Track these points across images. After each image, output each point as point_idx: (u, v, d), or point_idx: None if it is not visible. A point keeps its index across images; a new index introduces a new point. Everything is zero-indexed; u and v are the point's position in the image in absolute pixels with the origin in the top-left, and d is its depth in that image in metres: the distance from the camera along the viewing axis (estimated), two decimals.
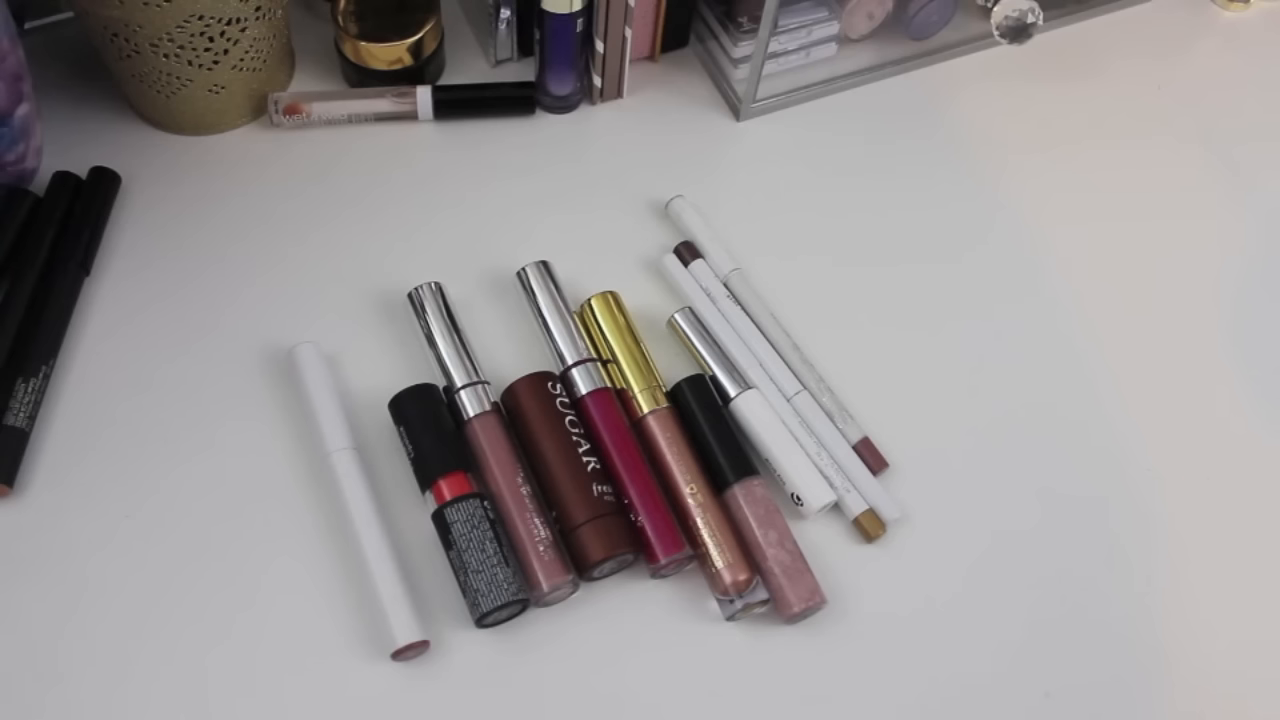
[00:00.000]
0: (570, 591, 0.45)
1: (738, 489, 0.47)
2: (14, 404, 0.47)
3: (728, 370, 0.50)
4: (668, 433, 0.48)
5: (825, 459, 0.49)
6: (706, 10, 0.61)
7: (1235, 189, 0.60)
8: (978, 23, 0.63)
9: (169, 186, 0.55)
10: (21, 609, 0.44)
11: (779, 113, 0.61)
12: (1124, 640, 0.47)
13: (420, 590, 0.45)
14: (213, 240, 0.54)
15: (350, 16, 0.57)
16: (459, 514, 0.44)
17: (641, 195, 0.57)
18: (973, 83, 0.63)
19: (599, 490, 0.45)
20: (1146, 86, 0.64)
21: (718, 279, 0.53)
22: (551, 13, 0.54)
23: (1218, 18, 0.68)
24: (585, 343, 0.50)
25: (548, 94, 0.59)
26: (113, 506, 0.47)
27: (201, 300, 0.52)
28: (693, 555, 0.46)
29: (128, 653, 0.44)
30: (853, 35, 0.62)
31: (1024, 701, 0.45)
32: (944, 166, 0.60)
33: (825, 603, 0.46)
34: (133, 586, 0.45)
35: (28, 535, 0.46)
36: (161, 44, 0.51)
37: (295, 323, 0.52)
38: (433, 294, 0.50)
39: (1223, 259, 0.58)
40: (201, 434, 0.48)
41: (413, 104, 0.58)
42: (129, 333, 0.51)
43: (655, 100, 0.61)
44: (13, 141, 0.51)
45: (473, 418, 0.47)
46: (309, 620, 0.45)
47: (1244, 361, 0.54)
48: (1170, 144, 0.62)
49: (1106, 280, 0.56)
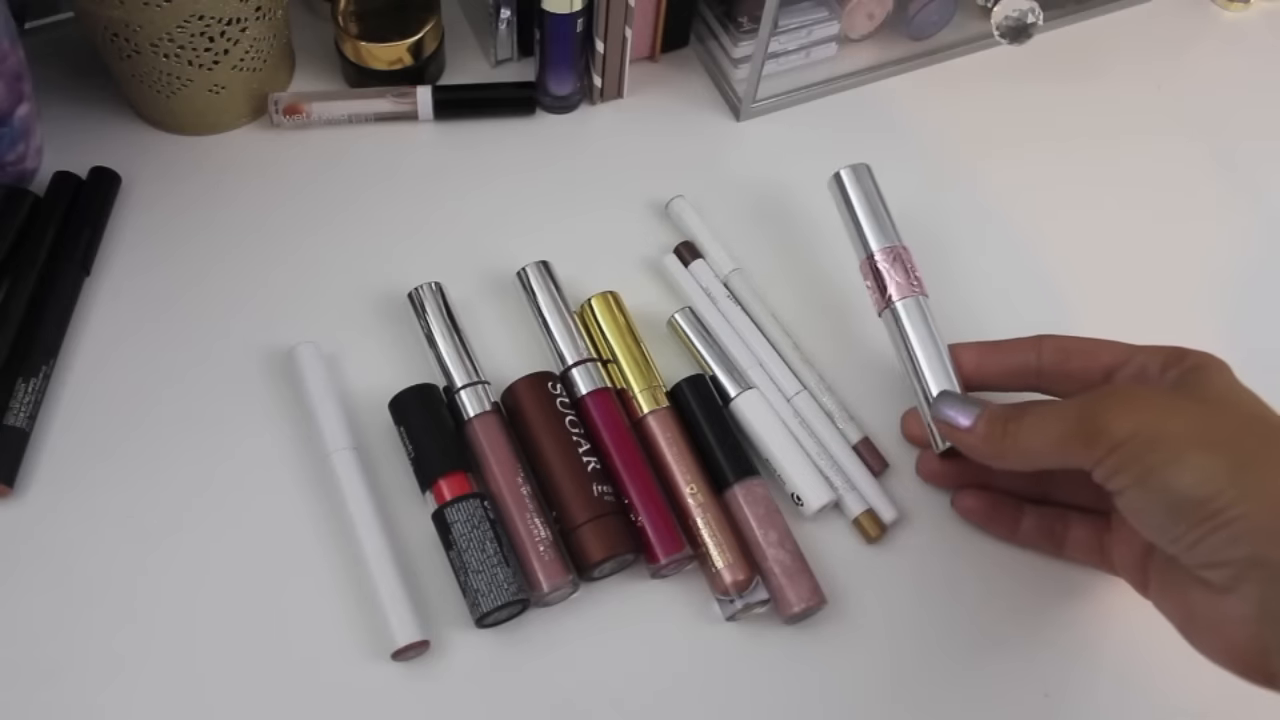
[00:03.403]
0: (570, 591, 0.45)
1: (738, 489, 0.47)
2: (14, 404, 0.47)
3: (728, 370, 0.50)
4: (668, 433, 0.48)
5: (825, 459, 0.49)
6: (706, 10, 0.61)
7: (1236, 189, 0.60)
8: (978, 23, 0.63)
9: (169, 186, 0.55)
10: (21, 609, 0.44)
11: (779, 113, 0.61)
12: (1125, 641, 0.47)
13: (420, 590, 0.45)
14: (213, 240, 0.54)
15: (350, 16, 0.57)
16: (459, 514, 0.44)
17: (641, 195, 0.57)
18: (973, 83, 0.63)
19: (599, 490, 0.45)
20: (1146, 86, 0.64)
21: (718, 279, 0.53)
22: (551, 13, 0.54)
23: (1218, 18, 0.68)
24: (585, 343, 0.50)
25: (548, 94, 0.59)
26: (113, 506, 0.47)
27: (201, 300, 0.52)
28: (693, 555, 0.46)
29: (127, 652, 0.44)
30: (853, 35, 0.62)
31: (1024, 702, 0.45)
32: (943, 166, 0.60)
33: (825, 603, 0.46)
34: (132, 586, 0.45)
35: (28, 535, 0.46)
36: (161, 44, 0.51)
37: (295, 322, 0.52)
38: (433, 294, 0.50)
39: (1223, 259, 0.58)
40: (201, 434, 0.48)
41: (413, 104, 0.58)
42: (129, 332, 0.51)
43: (655, 100, 0.61)
44: (13, 141, 0.51)
45: (473, 418, 0.47)
46: (309, 620, 0.45)
47: (1244, 361, 0.54)
48: (1170, 144, 0.62)
49: (1106, 280, 0.56)
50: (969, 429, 0.43)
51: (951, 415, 0.44)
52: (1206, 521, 0.36)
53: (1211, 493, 0.36)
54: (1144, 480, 0.38)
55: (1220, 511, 0.36)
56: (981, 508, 0.48)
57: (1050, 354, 0.45)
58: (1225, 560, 0.36)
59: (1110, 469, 0.38)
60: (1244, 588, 0.36)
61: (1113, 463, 0.38)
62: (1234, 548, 0.36)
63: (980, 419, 0.43)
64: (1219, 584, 0.37)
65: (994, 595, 0.47)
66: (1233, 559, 0.36)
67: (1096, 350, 0.44)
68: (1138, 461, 0.38)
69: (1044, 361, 0.45)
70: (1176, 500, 0.37)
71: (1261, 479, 0.36)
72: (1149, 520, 0.38)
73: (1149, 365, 0.42)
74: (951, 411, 0.44)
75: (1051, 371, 0.45)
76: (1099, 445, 0.38)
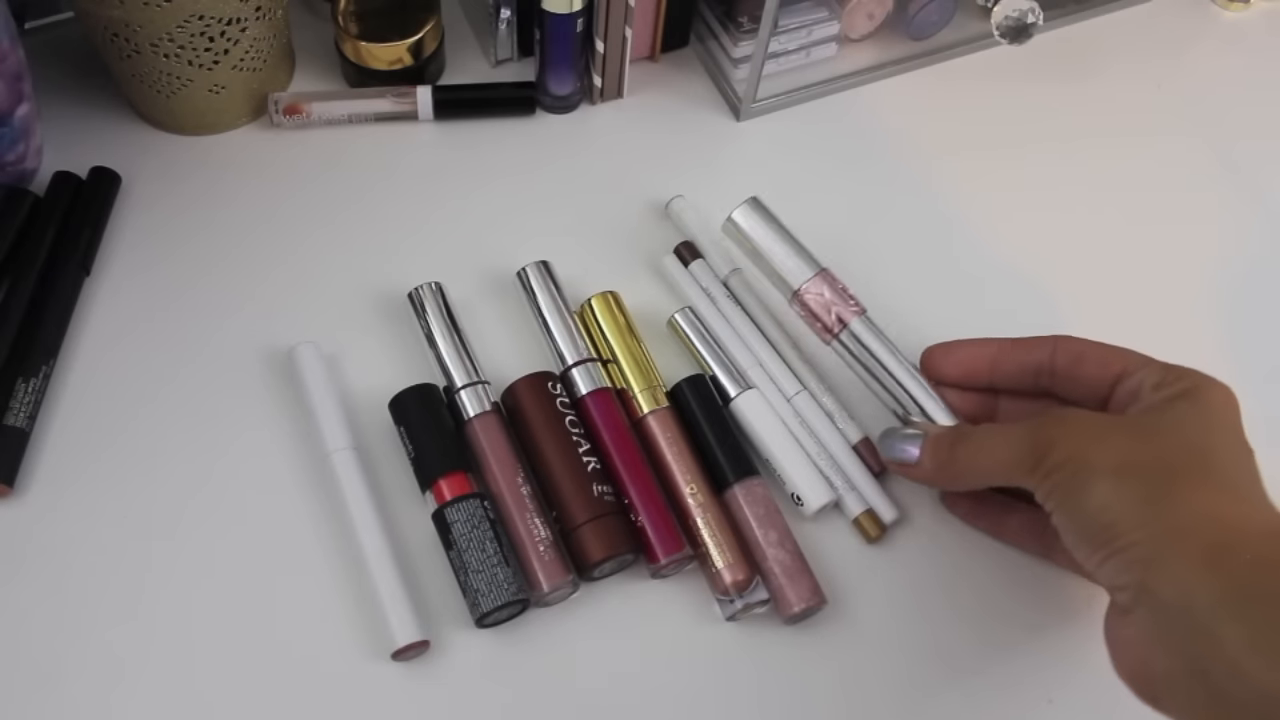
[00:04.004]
0: (570, 591, 0.45)
1: (738, 489, 0.47)
2: (14, 404, 0.47)
3: (728, 370, 0.50)
4: (668, 433, 0.48)
5: (825, 459, 0.49)
6: (706, 10, 0.61)
7: (1236, 188, 0.60)
8: (978, 23, 0.63)
9: (169, 186, 0.55)
10: (21, 609, 0.44)
11: (779, 113, 0.61)
12: None
13: (420, 590, 0.45)
14: (212, 240, 0.54)
15: (350, 16, 0.57)
16: (459, 514, 0.44)
17: (641, 195, 0.57)
18: (973, 83, 0.63)
19: (599, 490, 0.45)
20: (1146, 86, 0.64)
21: (718, 279, 0.53)
22: (551, 13, 0.54)
23: (1218, 18, 0.68)
24: (585, 343, 0.50)
25: (548, 94, 0.59)
26: (113, 506, 0.47)
27: (201, 300, 0.52)
28: (693, 555, 0.46)
29: (127, 651, 0.44)
30: (853, 35, 0.62)
31: (1027, 706, 0.45)
32: (943, 167, 0.60)
33: (825, 603, 0.46)
34: (133, 586, 0.45)
35: (28, 535, 0.46)
36: (161, 44, 0.51)
37: (295, 322, 0.52)
38: (433, 294, 0.50)
39: (1224, 258, 0.58)
40: (201, 434, 0.48)
41: (413, 104, 0.58)
42: (129, 332, 0.51)
43: (655, 100, 0.61)
44: (13, 141, 0.51)
45: (473, 418, 0.47)
46: (309, 620, 0.45)
47: (1244, 361, 0.54)
48: (1170, 144, 0.62)
49: (1106, 279, 0.56)
50: (918, 462, 0.45)
51: (900, 452, 0.45)
52: (1105, 546, 0.37)
53: (1111, 519, 0.37)
54: (1063, 502, 0.39)
55: (1116, 538, 0.37)
56: (967, 503, 0.48)
57: (1065, 356, 0.45)
58: (1121, 584, 0.37)
59: (1045, 492, 0.40)
60: (1139, 610, 0.37)
61: (1047, 486, 0.40)
62: (1128, 573, 0.37)
63: (924, 450, 0.44)
64: (1121, 605, 0.38)
65: (995, 596, 0.47)
66: (1128, 584, 0.37)
67: (1110, 359, 0.44)
68: (1061, 486, 0.39)
69: (1057, 363, 0.45)
70: (1083, 523, 0.38)
71: (1161, 511, 0.37)
72: (1068, 540, 0.40)
73: (1145, 380, 0.42)
74: (899, 448, 0.45)
75: (1063, 374, 0.45)
76: (1039, 469, 0.40)
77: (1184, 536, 0.36)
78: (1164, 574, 0.36)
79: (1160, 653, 0.36)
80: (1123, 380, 0.43)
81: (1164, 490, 0.37)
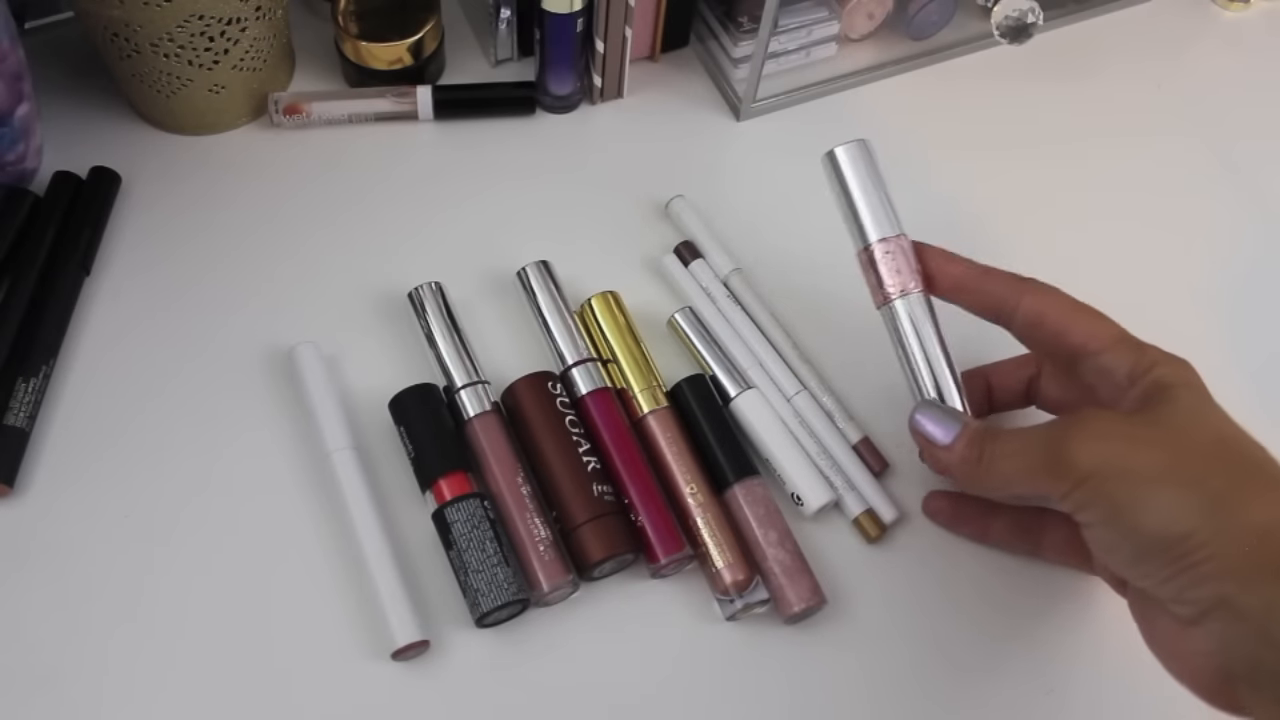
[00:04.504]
0: (570, 591, 0.45)
1: (738, 489, 0.47)
2: (14, 404, 0.47)
3: (728, 370, 0.50)
4: (668, 433, 0.48)
5: (825, 459, 0.49)
6: (706, 10, 0.61)
7: (1236, 188, 0.60)
8: (978, 23, 0.63)
9: (169, 186, 0.55)
10: (21, 608, 0.44)
11: (779, 113, 0.61)
12: (1126, 638, 0.46)
13: (420, 590, 0.45)
14: (212, 240, 0.54)
15: (350, 16, 0.57)
16: (459, 514, 0.44)
17: (641, 195, 0.57)
18: (973, 83, 0.63)
19: (599, 490, 0.45)
20: (1146, 86, 0.64)
21: (718, 279, 0.53)
22: (551, 12, 0.54)
23: (1218, 18, 0.68)
24: (585, 343, 0.50)
25: (548, 94, 0.59)
26: (113, 506, 0.47)
27: (201, 300, 0.52)
28: (693, 555, 0.46)
29: (127, 651, 0.44)
30: (853, 35, 0.62)
31: (1026, 699, 0.45)
32: (943, 166, 0.60)
33: (825, 603, 0.46)
34: (132, 586, 0.45)
35: (28, 535, 0.46)
36: (161, 44, 0.51)
37: (295, 322, 0.52)
38: (433, 294, 0.50)
39: (1224, 258, 0.58)
40: (201, 433, 0.48)
41: (413, 104, 0.58)
42: (129, 332, 0.51)
43: (655, 100, 0.61)
44: (13, 141, 0.51)
45: (473, 418, 0.47)
46: (309, 620, 0.45)
47: (1244, 361, 0.54)
48: (1170, 144, 0.62)
49: (1106, 279, 0.56)
50: (948, 447, 0.42)
51: (930, 430, 0.43)
52: (1177, 562, 0.36)
53: (1183, 533, 0.36)
54: (1113, 519, 0.37)
55: (1191, 553, 0.36)
56: (947, 508, 0.48)
57: (1026, 313, 0.43)
58: (1192, 599, 0.36)
59: (1077, 502, 0.38)
60: (1209, 624, 0.36)
61: (1079, 496, 0.38)
62: (1202, 588, 0.36)
63: (960, 438, 0.42)
64: (1185, 617, 0.37)
65: (995, 594, 0.47)
66: (1200, 598, 0.36)
67: (1070, 327, 0.42)
68: (1105, 497, 0.37)
69: (1018, 316, 0.43)
70: (1147, 540, 0.36)
71: (1232, 517, 0.36)
72: (1117, 556, 0.38)
73: (1116, 369, 0.41)
74: (931, 425, 0.43)
75: (1021, 328, 0.44)
76: (1065, 477, 0.38)
77: (1258, 546, 0.35)
78: (1247, 587, 0.35)
79: (1243, 663, 0.35)
80: (1088, 358, 0.42)
81: (1223, 496, 0.36)
